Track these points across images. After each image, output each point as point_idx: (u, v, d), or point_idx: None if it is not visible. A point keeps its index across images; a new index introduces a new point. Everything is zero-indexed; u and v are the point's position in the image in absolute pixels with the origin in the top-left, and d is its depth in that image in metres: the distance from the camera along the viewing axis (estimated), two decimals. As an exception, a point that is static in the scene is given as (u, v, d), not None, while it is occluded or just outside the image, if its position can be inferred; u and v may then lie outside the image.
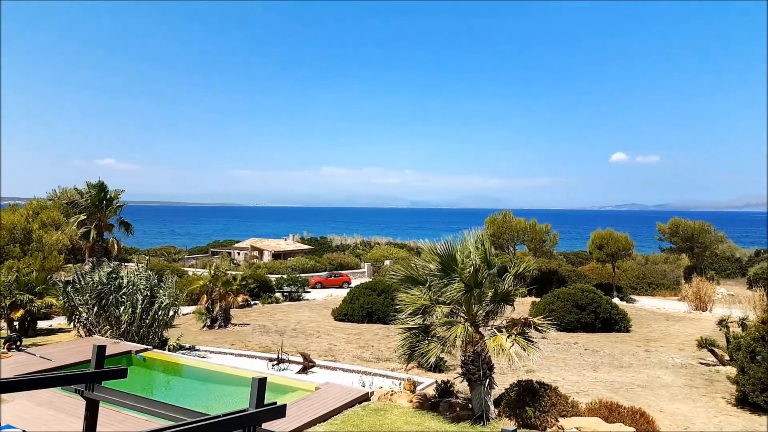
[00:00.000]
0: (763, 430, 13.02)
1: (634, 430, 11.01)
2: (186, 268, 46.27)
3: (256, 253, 60.03)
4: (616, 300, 34.45)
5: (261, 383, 4.01)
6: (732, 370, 17.04)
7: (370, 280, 35.06)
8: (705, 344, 19.76)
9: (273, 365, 17.40)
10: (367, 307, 27.11)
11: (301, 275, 41.68)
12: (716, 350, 19.78)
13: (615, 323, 26.58)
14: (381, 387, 14.25)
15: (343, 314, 27.51)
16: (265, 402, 4.06)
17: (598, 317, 26.26)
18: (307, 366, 16.83)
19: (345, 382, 15.13)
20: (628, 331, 26.65)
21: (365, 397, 13.42)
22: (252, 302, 32.57)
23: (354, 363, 18.33)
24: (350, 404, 12.80)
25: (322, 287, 42.30)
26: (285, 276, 39.29)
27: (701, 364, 19.84)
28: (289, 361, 17.61)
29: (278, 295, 35.13)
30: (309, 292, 38.67)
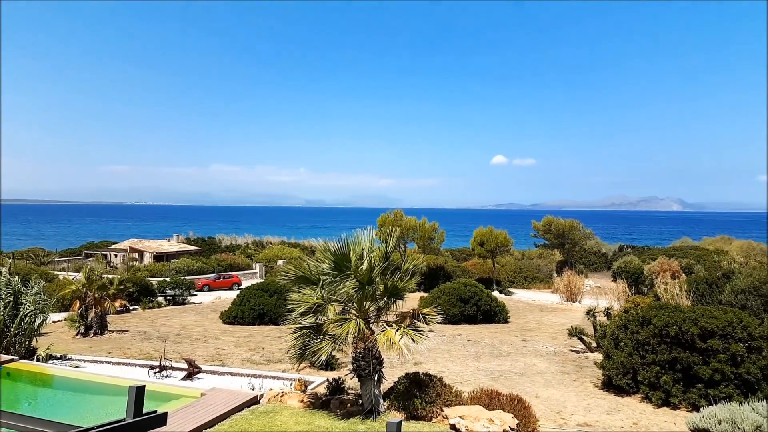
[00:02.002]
0: (626, 410, 14.48)
1: (512, 416, 11.74)
2: (56, 272, 42.64)
3: (135, 255, 56.53)
4: (495, 293, 36.59)
5: (139, 391, 3.87)
6: (599, 356, 18.74)
7: (262, 280, 34.42)
8: (575, 333, 21.59)
9: (155, 373, 16.56)
10: (258, 309, 26.56)
11: (187, 278, 39.88)
12: (585, 338, 21.68)
13: (495, 315, 28.32)
14: (271, 389, 14.07)
15: (232, 317, 26.74)
16: (145, 411, 3.91)
17: (479, 309, 27.82)
18: (192, 372, 16.22)
19: (233, 386, 14.78)
20: (506, 322, 28.45)
21: (254, 400, 13.19)
22: (131, 307, 30.83)
23: (243, 366, 17.95)
24: (238, 408, 12.52)
25: (210, 290, 40.79)
26: (168, 279, 37.41)
27: (572, 351, 21.62)
28: (173, 368, 16.84)
29: (161, 299, 33.42)
30: (195, 295, 37.17)
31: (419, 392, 12.45)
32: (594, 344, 21.35)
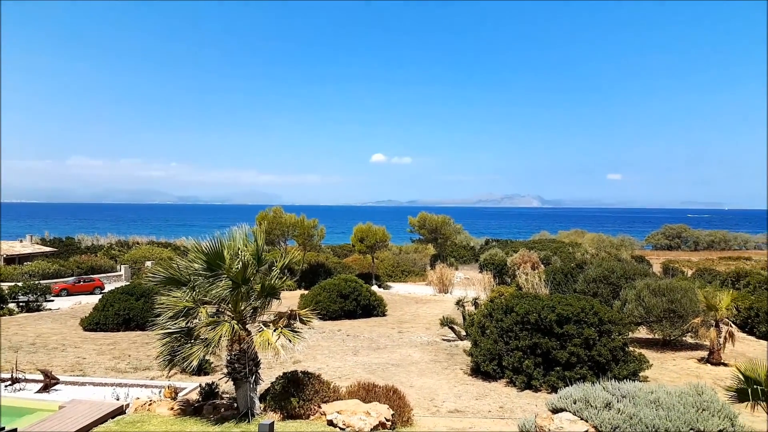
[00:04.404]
0: (493, 395, 15.51)
1: (387, 406, 12.16)
2: None
3: (-20, 258, 50.40)
4: (374, 287, 37.48)
5: (-20, 411, 3.55)
6: (468, 344, 19.88)
7: (128, 283, 32.29)
8: (446, 323, 22.73)
9: (6, 386, 15.04)
10: (123, 314, 24.92)
11: (42, 282, 36.34)
12: (455, 327, 22.88)
13: (374, 309, 29.06)
14: (138, 398, 13.33)
15: (94, 323, 24.84)
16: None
17: (359, 304, 28.39)
18: (48, 384, 14.91)
19: (96, 397, 13.85)
20: (384, 315, 29.28)
21: (120, 411, 12.44)
22: (-24, 316, 27.52)
23: (107, 375, 16.84)
24: (102, 420, 11.74)
25: (69, 294, 37.59)
26: (21, 283, 33.87)
27: (444, 340, 22.73)
28: (26, 380, 15.41)
29: (12, 305, 30.32)
30: (52, 300, 34.03)
31: (296, 391, 12.46)
32: (463, 333, 22.58)
